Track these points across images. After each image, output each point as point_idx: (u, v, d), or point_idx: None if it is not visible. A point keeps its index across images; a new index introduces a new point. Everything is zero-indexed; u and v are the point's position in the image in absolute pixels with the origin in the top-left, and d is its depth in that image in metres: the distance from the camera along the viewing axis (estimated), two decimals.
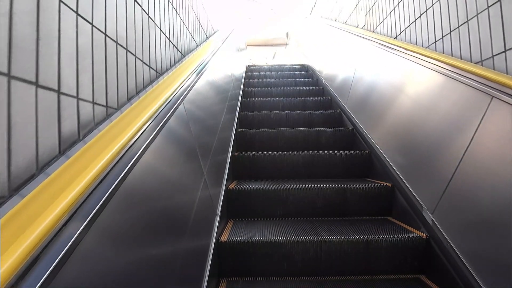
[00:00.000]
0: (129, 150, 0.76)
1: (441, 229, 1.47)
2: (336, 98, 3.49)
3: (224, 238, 1.62)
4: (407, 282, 1.53)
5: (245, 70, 4.94)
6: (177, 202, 1.12)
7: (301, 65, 5.75)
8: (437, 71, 1.72)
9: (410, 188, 1.79)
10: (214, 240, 1.52)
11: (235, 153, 2.51)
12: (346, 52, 3.46)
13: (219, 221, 1.66)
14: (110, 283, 0.62)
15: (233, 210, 2.03)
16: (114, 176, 0.65)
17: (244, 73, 4.67)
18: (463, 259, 1.31)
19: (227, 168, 2.15)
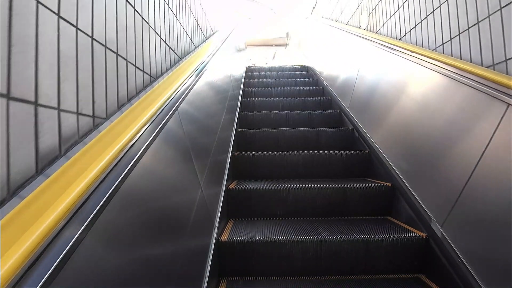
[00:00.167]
0: (116, 166, 0.69)
1: (452, 244, 1.36)
2: (337, 99, 3.37)
3: (224, 237, 1.60)
4: (407, 282, 1.52)
5: (244, 70, 4.84)
6: (175, 210, 1.06)
7: (301, 66, 5.61)
8: (445, 75, 1.59)
9: (416, 195, 1.68)
10: (214, 239, 1.49)
11: (235, 153, 2.47)
12: (348, 53, 3.31)
13: (219, 220, 1.63)
14: (110, 284, 0.62)
15: (233, 209, 2.00)
16: (98, 196, 0.59)
17: (244, 73, 4.58)
18: (464, 259, 1.28)
19: (227, 168, 2.11)
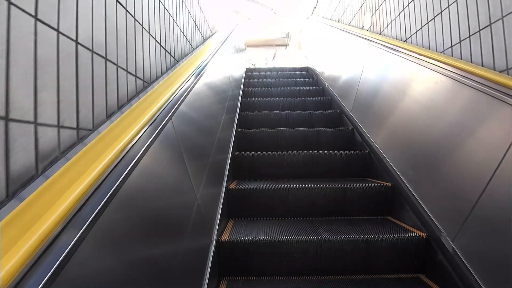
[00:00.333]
0: (102, 185, 0.61)
1: (465, 262, 1.24)
2: (338, 101, 3.24)
3: (224, 237, 1.58)
4: (407, 282, 1.49)
5: (244, 71, 4.74)
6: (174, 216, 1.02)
7: (302, 67, 5.39)
8: (455, 79, 1.47)
9: (425, 207, 1.55)
10: (214, 239, 1.47)
11: (235, 153, 2.42)
12: (351, 54, 3.15)
13: (220, 220, 1.60)
14: (111, 284, 0.61)
15: (233, 209, 1.96)
16: (80, 221, 0.52)
17: (243, 74, 4.48)
18: (464, 259, 1.24)
19: (227, 168, 2.07)
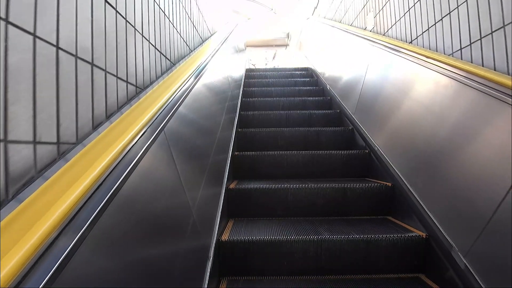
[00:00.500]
0: (83, 207, 0.54)
1: (479, 279, 1.16)
2: (339, 102, 3.15)
3: (224, 237, 1.57)
4: (407, 281, 1.47)
5: (244, 72, 4.67)
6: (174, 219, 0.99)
7: (302, 67, 5.26)
8: (466, 84, 1.37)
9: (435, 220, 1.46)
10: (215, 239, 1.46)
11: (236, 152, 2.40)
12: (353, 56, 3.03)
13: (220, 220, 1.59)
14: (111, 284, 0.59)
15: (233, 209, 1.95)
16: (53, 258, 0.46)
17: (243, 75, 4.41)
18: (463, 258, 1.22)
19: (227, 168, 2.05)
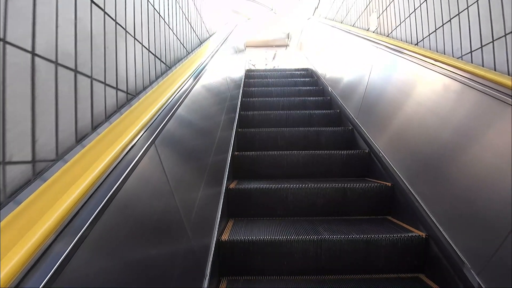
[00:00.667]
0: (59, 238, 0.48)
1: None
2: (340, 103, 3.11)
3: (224, 237, 1.56)
4: (407, 281, 1.48)
5: (244, 72, 4.69)
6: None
7: (303, 68, 5.25)
8: (477, 90, 1.30)
9: (445, 234, 1.40)
10: (215, 239, 1.45)
11: (236, 152, 2.40)
12: (356, 58, 2.96)
13: (220, 220, 1.58)
14: (111, 283, 0.59)
15: (233, 209, 1.94)
16: None
17: (243, 75, 4.42)
18: (463, 258, 1.24)
19: (227, 168, 2.05)
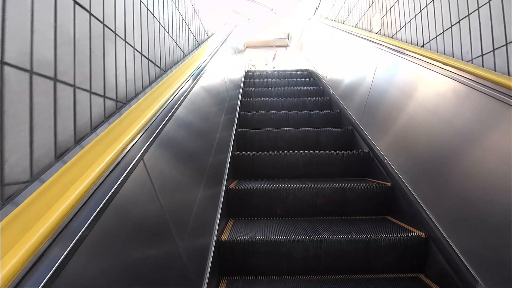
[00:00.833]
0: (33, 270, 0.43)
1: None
2: (341, 104, 3.07)
3: (224, 237, 1.56)
4: (407, 281, 1.48)
5: (244, 73, 4.67)
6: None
7: (304, 69, 5.18)
8: (490, 96, 1.23)
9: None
10: (214, 239, 1.45)
11: (235, 152, 2.41)
12: (359, 60, 2.88)
13: (220, 220, 1.58)
14: (112, 282, 0.59)
15: (233, 209, 1.95)
16: None
17: (243, 76, 4.40)
18: (462, 258, 1.25)
19: (227, 168, 2.05)
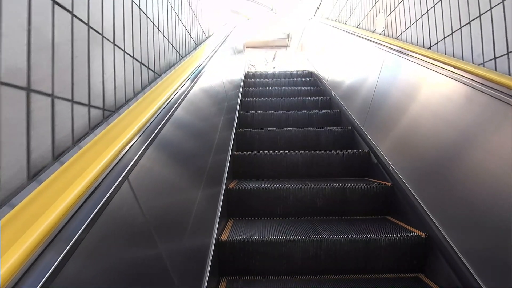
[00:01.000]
0: None
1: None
2: (345, 110, 2.99)
3: (224, 237, 1.57)
4: (406, 281, 1.49)
5: (244, 73, 4.65)
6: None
7: (305, 71, 5.10)
8: (503, 101, 1.18)
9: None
10: (214, 239, 1.46)
11: (235, 152, 2.42)
12: (362, 62, 2.81)
13: (219, 220, 1.59)
14: (112, 280, 0.58)
15: (233, 209, 1.96)
16: None
17: (242, 77, 4.38)
18: (462, 258, 1.26)
19: (227, 167, 2.06)
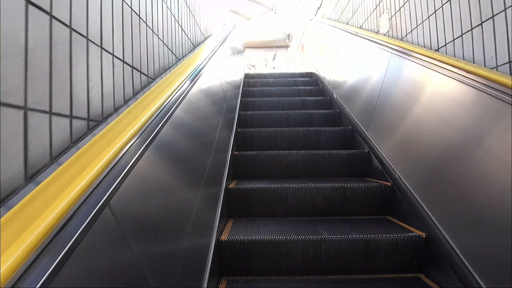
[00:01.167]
0: None
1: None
2: (346, 110, 2.97)
3: (224, 237, 1.57)
4: (407, 281, 1.49)
5: (243, 74, 4.64)
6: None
7: (306, 72, 5.02)
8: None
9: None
10: (214, 239, 1.46)
11: (235, 152, 2.42)
12: (366, 64, 2.75)
13: (219, 220, 1.59)
14: (112, 280, 0.59)
15: (233, 209, 1.96)
16: None
17: (242, 78, 4.37)
18: (462, 258, 1.26)
19: (227, 167, 2.06)
